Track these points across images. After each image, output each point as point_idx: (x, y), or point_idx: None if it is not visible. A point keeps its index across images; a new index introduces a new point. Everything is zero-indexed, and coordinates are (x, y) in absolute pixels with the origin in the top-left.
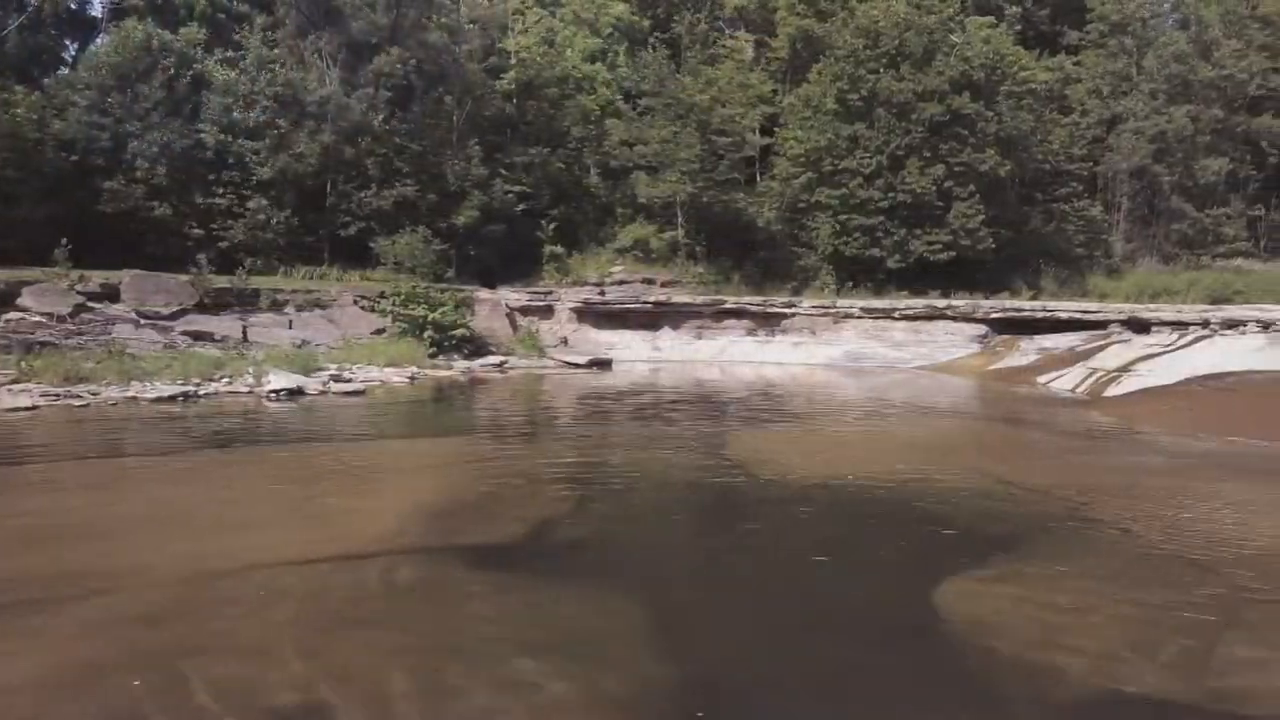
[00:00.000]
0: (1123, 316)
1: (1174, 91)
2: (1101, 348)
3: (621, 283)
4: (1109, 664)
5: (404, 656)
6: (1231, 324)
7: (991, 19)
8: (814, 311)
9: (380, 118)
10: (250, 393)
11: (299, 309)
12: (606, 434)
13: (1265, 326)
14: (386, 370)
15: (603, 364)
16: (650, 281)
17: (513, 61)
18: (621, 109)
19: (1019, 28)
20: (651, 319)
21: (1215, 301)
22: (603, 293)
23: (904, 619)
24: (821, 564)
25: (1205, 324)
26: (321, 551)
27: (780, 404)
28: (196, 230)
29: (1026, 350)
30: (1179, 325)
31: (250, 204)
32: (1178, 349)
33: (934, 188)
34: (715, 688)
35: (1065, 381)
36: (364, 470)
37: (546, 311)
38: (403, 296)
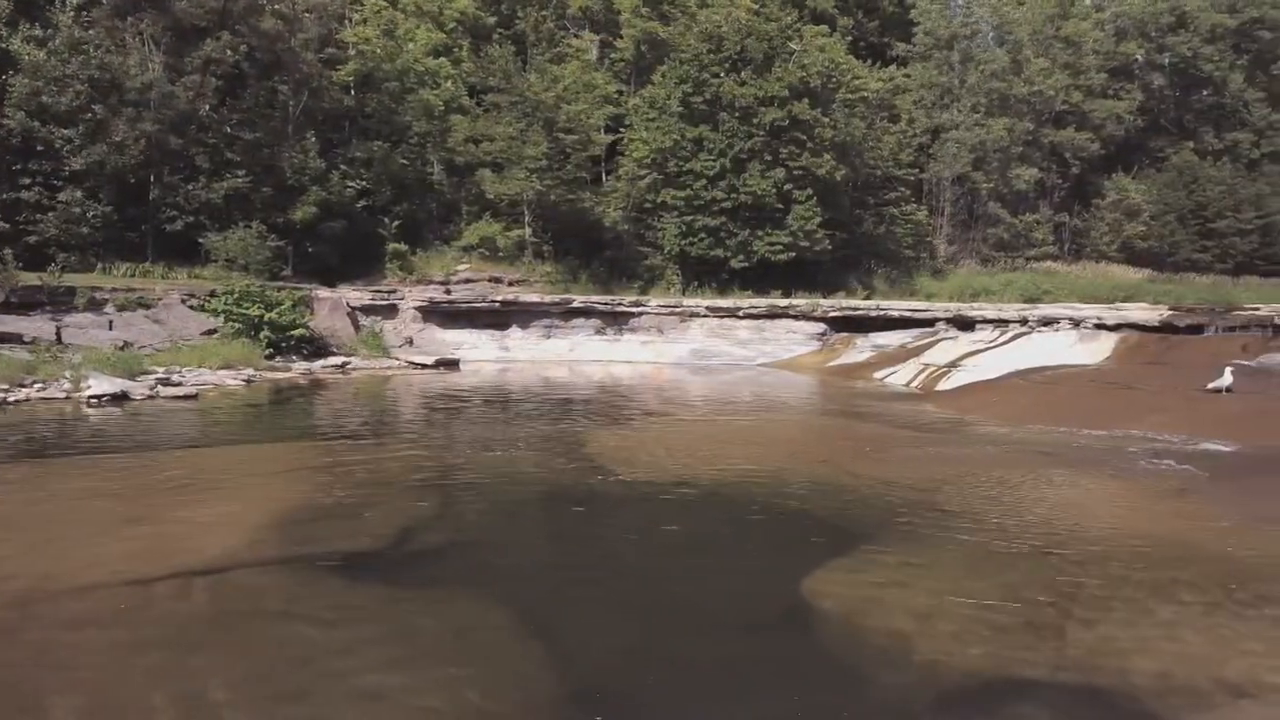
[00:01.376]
0: (949, 315)
1: (992, 105)
2: (931, 344)
3: (468, 281)
4: (969, 644)
5: (248, 686)
6: (1047, 321)
7: (826, 28)
8: (661, 310)
9: (208, 106)
10: (68, 398)
11: (120, 309)
12: (459, 435)
13: (1076, 324)
14: (220, 373)
15: (450, 364)
16: (497, 280)
17: (351, 53)
18: (466, 105)
19: (850, 39)
20: (499, 318)
21: (1028, 300)
22: (449, 291)
23: (776, 610)
24: (691, 561)
25: (1024, 322)
26: (152, 569)
27: (632, 402)
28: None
29: (862, 347)
30: (1001, 323)
31: (62, 196)
32: (1001, 345)
33: (775, 190)
34: (600, 694)
35: (900, 376)
36: (201, 479)
37: (390, 311)
38: (236, 295)
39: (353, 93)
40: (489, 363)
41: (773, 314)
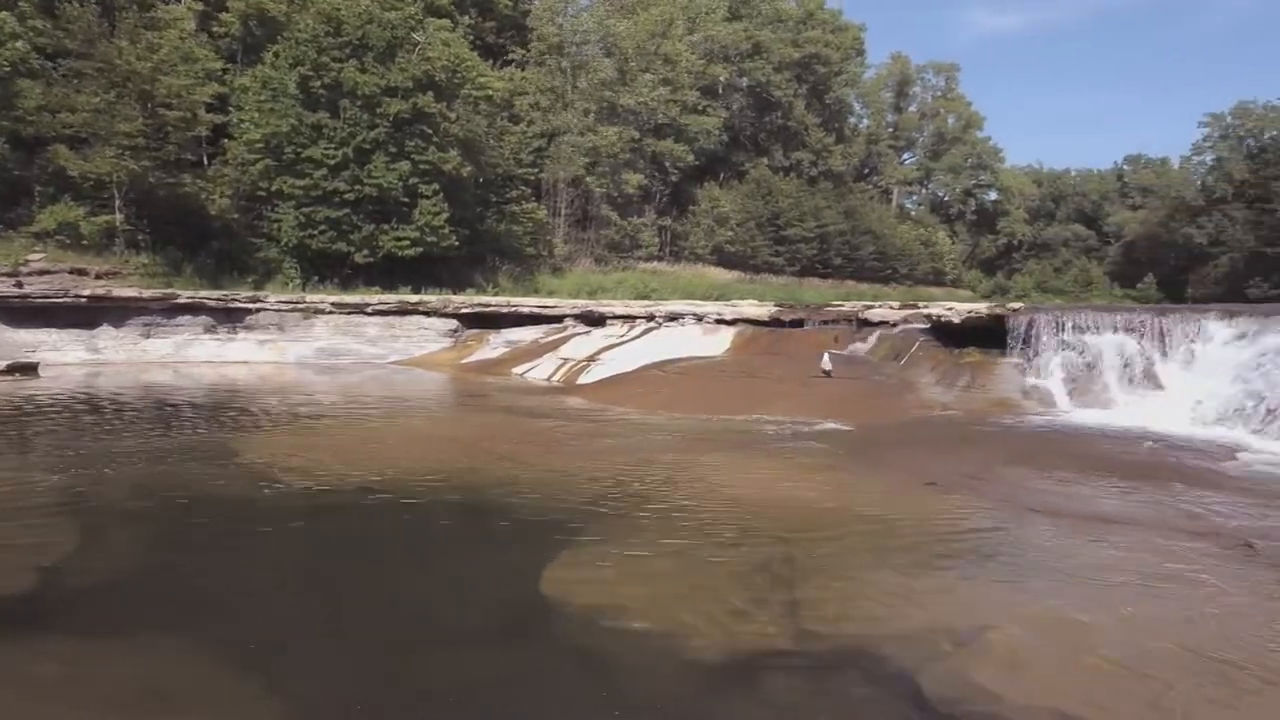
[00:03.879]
0: (577, 311)
1: (602, 112)
2: (565, 340)
3: (44, 273)
4: (708, 624)
5: None
6: (673, 317)
7: (448, 22)
8: (282, 307)
9: None
10: None
11: None
12: (72, 451)
13: (699, 319)
14: None
15: (26, 369)
16: (82, 272)
17: None
18: (37, 69)
19: (470, 37)
20: (87, 316)
21: (639, 298)
22: (20, 285)
23: (508, 616)
24: (407, 573)
25: (652, 318)
26: None
27: (263, 406)
28: None
29: (495, 344)
30: (629, 319)
31: None
32: (633, 339)
33: (401, 184)
34: None
35: (540, 371)
36: None
37: None
38: None
39: None
40: (75, 366)
41: (404, 310)
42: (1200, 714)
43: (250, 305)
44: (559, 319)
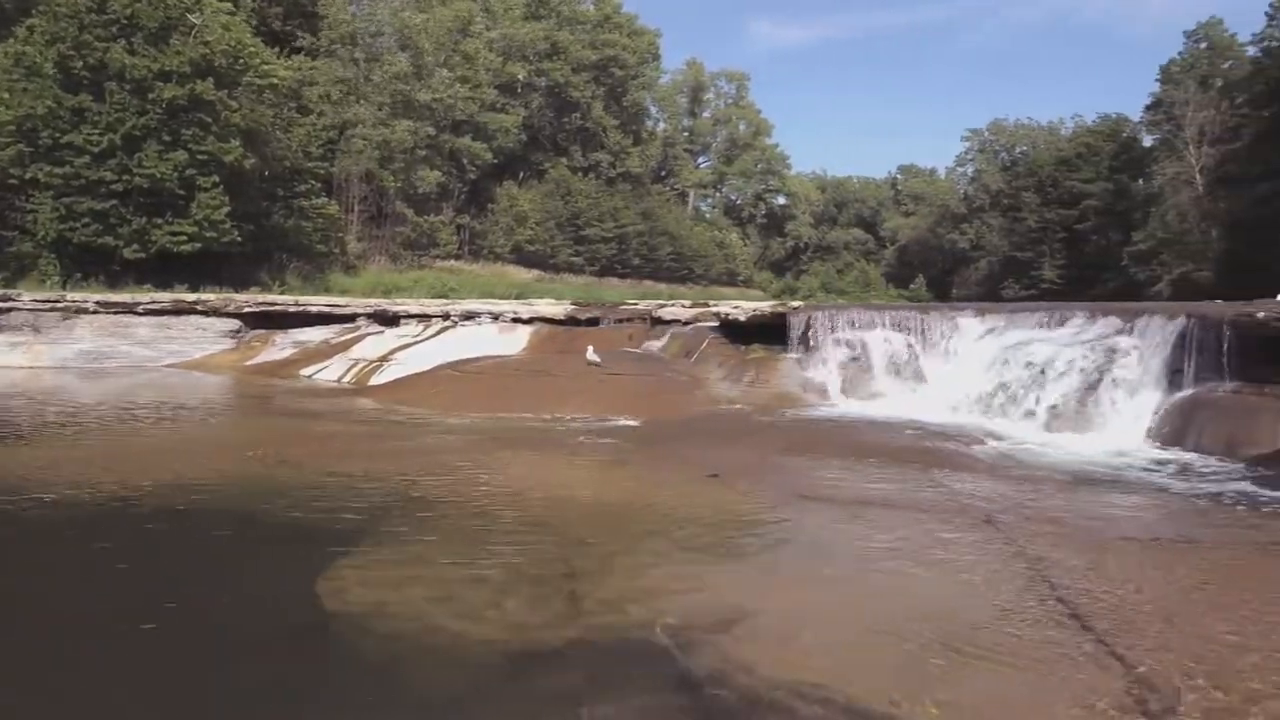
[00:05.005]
0: (370, 310)
1: (397, 106)
2: (357, 340)
3: None
4: (500, 623)
5: None
6: (469, 316)
7: (230, 5)
8: (39, 306)
9: None
10: None
11: None
12: None
13: (496, 318)
14: None
15: None
16: None
17: None
18: None
19: (254, 23)
20: None
21: (438, 296)
22: None
23: (291, 623)
24: (183, 585)
25: (447, 316)
26: None
27: (2, 415)
28: None
29: (282, 344)
30: (424, 318)
31: None
32: (428, 339)
33: (176, 175)
34: None
35: (330, 373)
36: None
37: None
38: None
39: None
40: None
41: (179, 310)
42: (935, 675)
43: (1, 305)
44: (351, 318)
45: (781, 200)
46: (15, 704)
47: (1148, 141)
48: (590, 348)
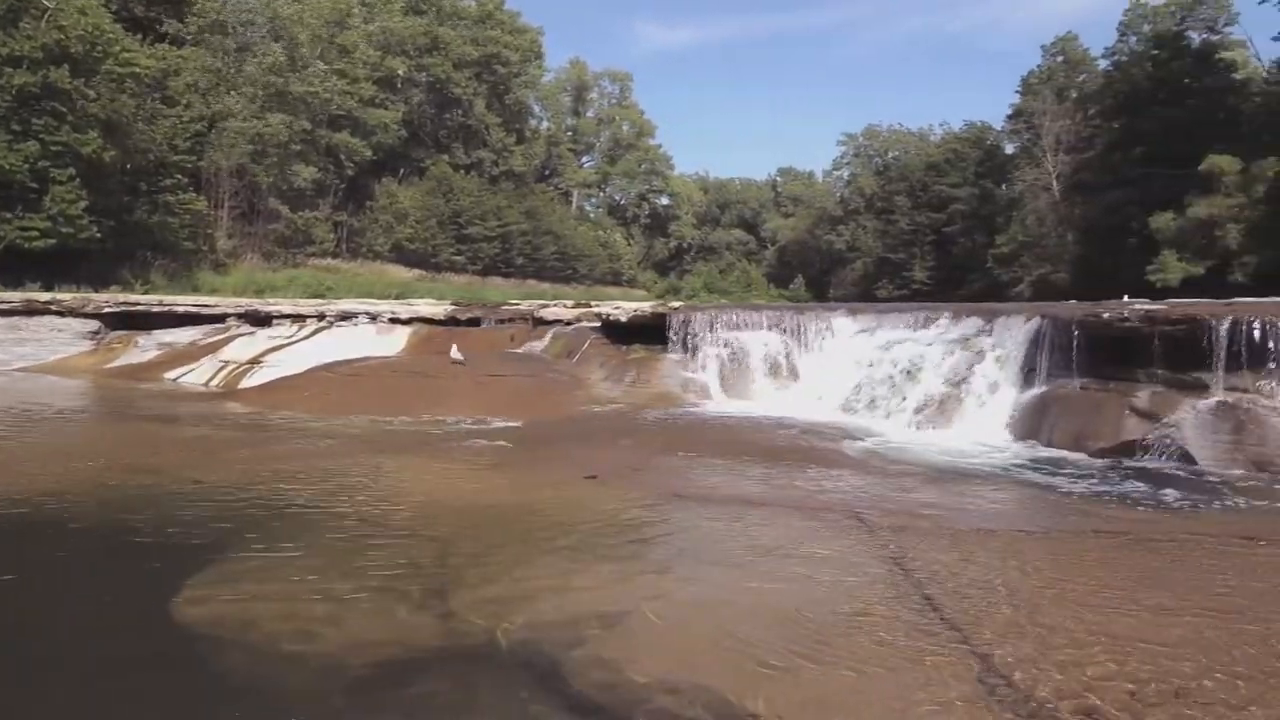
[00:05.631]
0: (241, 310)
1: (270, 99)
2: (226, 341)
3: None
4: (368, 630)
5: None
6: (346, 316)
7: None
8: None
9: None
10: None
11: None
12: None
13: (373, 318)
14: None
15: None
16: None
17: None
18: None
19: (114, 8)
20: None
21: (313, 296)
22: None
23: (151, 640)
24: (36, 603)
25: (323, 316)
26: None
27: None
28: None
29: (146, 346)
30: (299, 318)
31: None
32: (302, 340)
33: (26, 166)
34: None
35: (197, 376)
36: None
37: None
38: None
39: None
40: None
41: (32, 310)
42: (798, 671)
43: None
44: (220, 319)
45: (665, 201)
46: None
47: (1009, 149)
48: (454, 346)
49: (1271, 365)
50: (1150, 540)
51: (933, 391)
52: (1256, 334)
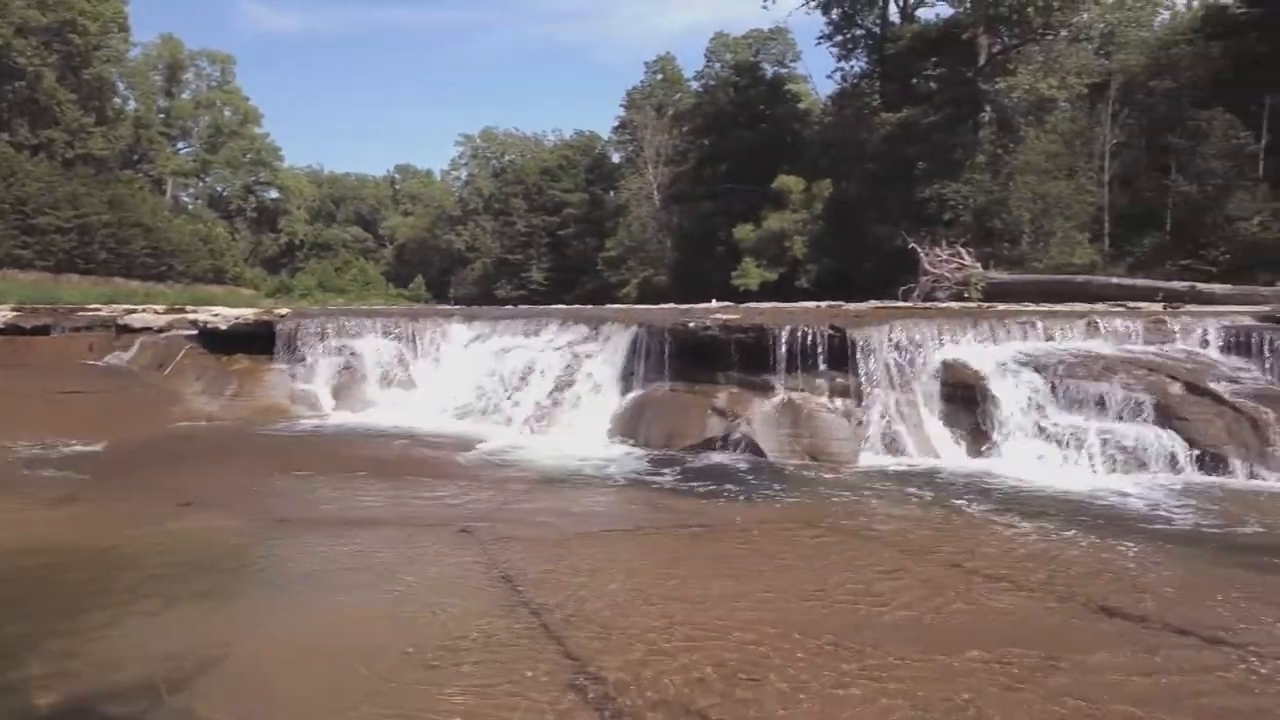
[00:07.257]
0: None
1: None
2: None
3: None
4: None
5: None
6: None
7: None
8: None
9: None
10: None
11: None
12: None
13: None
14: None
15: None
16: None
17: None
18: None
19: None
20: None
21: None
22: None
23: None
24: None
25: None
26: None
27: None
28: None
29: None
30: None
31: None
32: None
33: None
34: None
35: None
36: None
37: None
38: None
39: None
40: None
41: None
42: (404, 697)
43: None
44: None
45: (274, 194)
46: None
47: (616, 158)
48: None
49: (822, 367)
50: (725, 530)
51: (542, 397)
52: (809, 341)
